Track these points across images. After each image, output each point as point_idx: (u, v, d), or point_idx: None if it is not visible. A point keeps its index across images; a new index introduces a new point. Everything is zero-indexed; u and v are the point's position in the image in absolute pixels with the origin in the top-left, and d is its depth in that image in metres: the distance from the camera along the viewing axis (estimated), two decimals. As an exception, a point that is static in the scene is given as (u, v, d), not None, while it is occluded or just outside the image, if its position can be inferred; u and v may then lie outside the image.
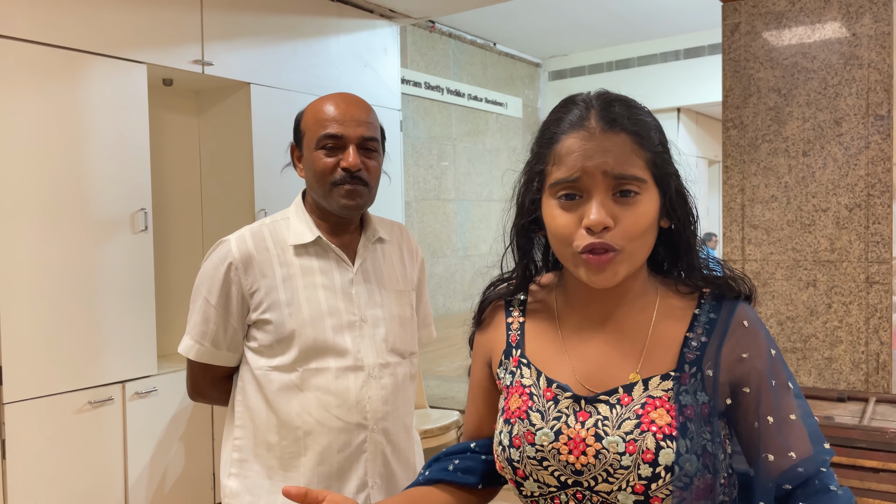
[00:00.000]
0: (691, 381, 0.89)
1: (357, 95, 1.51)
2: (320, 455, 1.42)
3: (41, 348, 2.48)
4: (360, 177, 1.44)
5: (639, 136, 0.89)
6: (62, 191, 2.55)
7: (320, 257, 1.48)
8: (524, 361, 0.99)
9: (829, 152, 2.61)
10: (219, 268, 1.45)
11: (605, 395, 0.91)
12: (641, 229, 0.88)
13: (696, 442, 0.86)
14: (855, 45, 2.56)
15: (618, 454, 0.86)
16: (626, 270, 0.89)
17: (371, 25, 3.94)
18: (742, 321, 0.92)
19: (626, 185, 0.87)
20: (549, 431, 0.91)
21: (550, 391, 0.94)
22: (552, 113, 0.96)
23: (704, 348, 0.91)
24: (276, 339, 1.43)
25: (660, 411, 0.87)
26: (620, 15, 6.57)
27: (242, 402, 1.48)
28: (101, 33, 2.67)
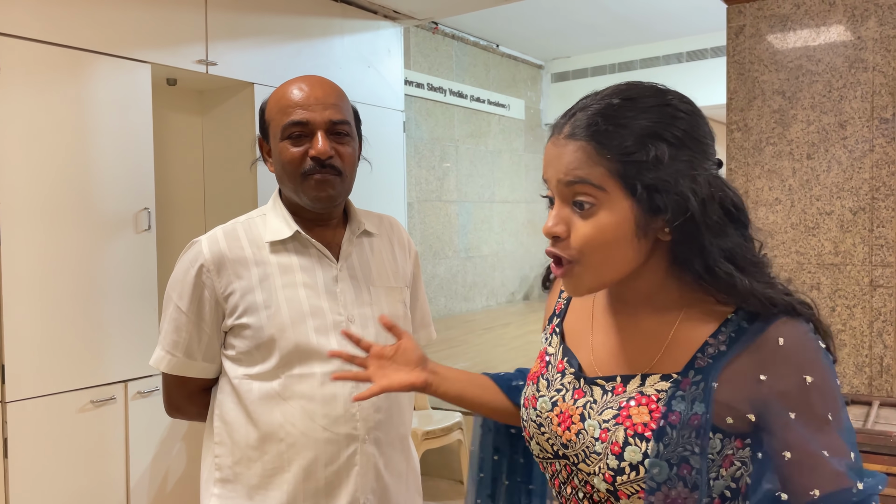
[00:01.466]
0: (691, 389, 0.83)
1: (323, 77, 1.38)
2: (306, 470, 1.29)
3: (44, 347, 2.48)
4: (332, 164, 1.31)
5: (599, 143, 0.83)
6: (65, 190, 2.55)
7: (300, 254, 1.36)
8: (557, 331, 1.02)
9: (834, 155, 2.60)
10: (189, 271, 1.33)
11: (604, 380, 0.91)
12: (595, 243, 0.83)
13: (673, 450, 0.81)
14: (860, 49, 2.56)
15: (593, 438, 0.87)
16: (588, 283, 0.87)
17: (375, 26, 3.95)
18: (777, 338, 0.81)
19: (578, 194, 0.84)
20: (548, 400, 0.95)
21: (562, 364, 0.97)
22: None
23: (719, 358, 0.83)
24: (255, 345, 1.30)
25: (641, 409, 0.85)
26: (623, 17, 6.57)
27: (220, 416, 1.36)
28: (105, 33, 2.67)
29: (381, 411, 1.35)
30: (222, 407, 1.35)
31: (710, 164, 0.86)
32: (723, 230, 0.84)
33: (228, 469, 1.34)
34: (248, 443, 1.31)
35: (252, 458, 1.31)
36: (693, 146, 0.84)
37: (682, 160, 0.83)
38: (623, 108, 0.85)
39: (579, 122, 0.85)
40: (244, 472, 1.32)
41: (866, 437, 2.08)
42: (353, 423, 1.31)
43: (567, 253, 0.86)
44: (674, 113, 0.84)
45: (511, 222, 7.97)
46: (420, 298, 1.58)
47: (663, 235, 0.85)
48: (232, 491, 1.33)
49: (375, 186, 3.72)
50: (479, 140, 7.40)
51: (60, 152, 2.53)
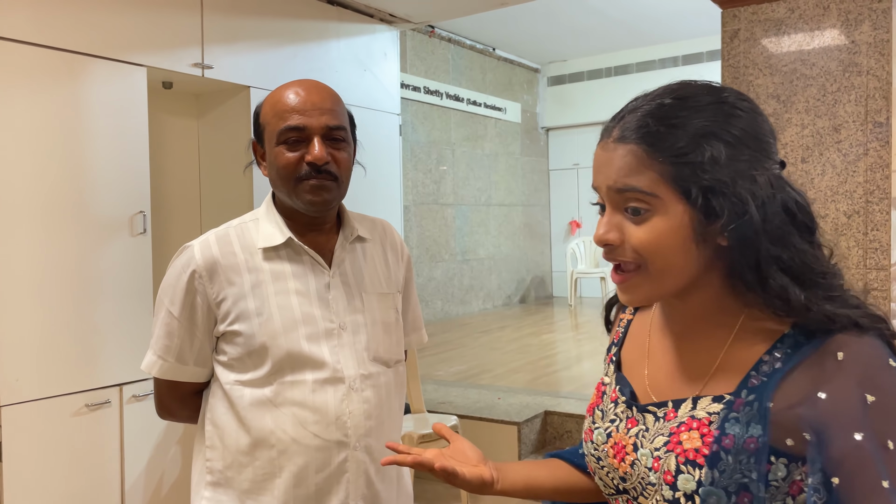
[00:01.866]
0: (745, 410, 0.77)
1: (320, 81, 1.37)
2: (296, 476, 1.29)
3: (38, 351, 2.48)
4: (328, 170, 1.30)
5: (651, 145, 0.79)
6: (61, 193, 2.54)
7: (293, 261, 1.35)
8: (614, 360, 0.98)
9: (828, 159, 2.61)
10: (181, 276, 1.33)
11: (655, 406, 0.86)
12: (652, 248, 0.79)
13: (730, 476, 0.76)
14: (854, 53, 2.57)
15: (646, 468, 0.83)
16: (647, 292, 0.83)
17: (371, 30, 3.95)
18: (836, 352, 0.75)
19: (630, 200, 0.80)
20: (603, 432, 0.91)
21: (616, 392, 0.93)
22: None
23: (774, 376, 0.78)
24: (247, 352, 1.30)
25: (692, 434, 0.79)
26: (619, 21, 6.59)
27: (211, 420, 1.35)
28: (101, 36, 2.67)
29: (371, 418, 1.35)
30: (214, 411, 1.35)
31: (772, 163, 0.81)
32: (784, 236, 0.79)
33: (219, 473, 1.34)
34: (239, 448, 1.31)
35: (243, 464, 1.31)
36: (752, 145, 0.79)
37: (741, 160, 0.78)
38: (675, 108, 0.80)
39: (629, 124, 0.81)
40: (235, 477, 1.32)
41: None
42: (344, 430, 1.31)
43: (627, 258, 0.82)
44: (730, 111, 0.80)
45: (507, 225, 7.97)
46: (412, 302, 1.58)
47: (722, 240, 0.79)
48: (223, 495, 1.33)
49: (372, 190, 3.72)
50: (475, 143, 7.41)
51: (56, 155, 2.53)
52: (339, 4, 3.75)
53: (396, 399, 1.43)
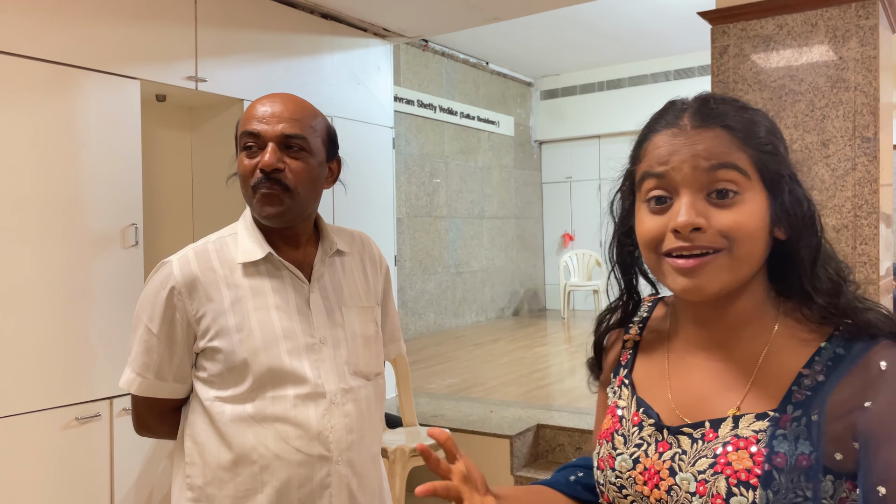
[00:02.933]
0: (792, 426, 0.76)
1: (296, 96, 1.37)
2: (279, 491, 1.28)
3: (29, 363, 2.47)
4: (278, 178, 1.28)
5: (738, 130, 0.79)
6: (54, 205, 2.54)
7: (272, 276, 1.34)
8: (626, 382, 0.93)
9: (817, 174, 2.64)
10: (160, 293, 1.31)
11: (690, 427, 0.82)
12: (744, 231, 0.77)
13: (784, 497, 0.74)
14: (841, 69, 2.60)
15: (688, 493, 0.78)
16: (724, 279, 0.78)
17: (364, 44, 3.97)
18: (879, 362, 0.75)
19: (721, 181, 0.77)
20: (628, 458, 0.85)
21: (638, 416, 0.88)
22: (652, 115, 0.89)
23: (818, 389, 0.76)
24: (227, 368, 1.29)
25: (741, 454, 0.76)
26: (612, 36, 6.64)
27: (191, 437, 1.34)
28: (95, 49, 2.68)
29: (353, 432, 1.35)
30: (193, 427, 1.34)
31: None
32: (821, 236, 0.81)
33: (200, 489, 1.33)
34: (220, 464, 1.30)
35: (224, 480, 1.30)
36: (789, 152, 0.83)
37: (790, 161, 0.82)
38: (740, 106, 0.82)
39: (706, 112, 0.80)
40: (216, 494, 1.31)
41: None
42: (327, 445, 1.31)
43: (710, 243, 0.77)
44: (771, 119, 0.85)
45: (501, 238, 7.99)
46: (390, 314, 1.58)
47: (780, 233, 0.80)
48: None
49: (365, 202, 3.72)
50: (468, 156, 7.44)
51: (49, 167, 2.53)
52: (332, 18, 3.77)
53: (377, 412, 1.43)
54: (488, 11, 3.93)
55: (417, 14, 3.88)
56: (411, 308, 6.36)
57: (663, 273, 0.80)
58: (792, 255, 0.81)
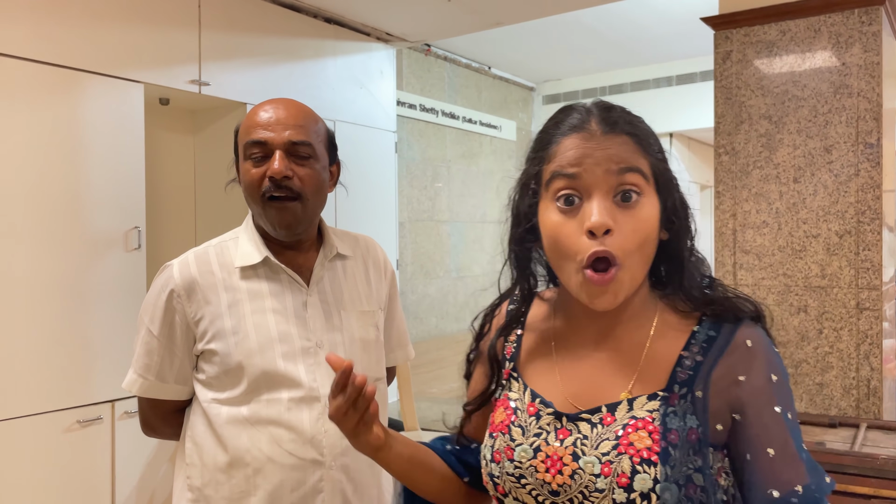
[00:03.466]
0: (681, 403, 0.84)
1: (295, 100, 1.38)
2: (271, 495, 1.29)
3: (31, 366, 2.47)
4: (289, 186, 1.29)
5: (639, 138, 0.86)
6: (57, 208, 2.54)
7: (270, 279, 1.35)
8: (514, 375, 0.96)
9: (820, 179, 2.63)
10: (160, 295, 1.34)
11: (588, 413, 0.87)
12: (643, 236, 0.83)
13: (679, 470, 0.80)
14: (845, 75, 2.60)
15: (593, 476, 0.82)
16: (627, 290, 0.85)
17: (367, 48, 3.98)
18: (745, 340, 0.86)
19: (627, 185, 0.83)
20: (528, 448, 0.88)
21: (534, 406, 0.91)
22: (550, 120, 0.92)
23: (698, 368, 0.85)
24: (223, 371, 1.30)
25: (640, 434, 0.82)
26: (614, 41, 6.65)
27: (191, 438, 1.35)
28: (99, 52, 2.69)
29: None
30: (194, 429, 1.35)
31: None
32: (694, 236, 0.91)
33: (198, 490, 1.33)
34: (217, 465, 1.31)
35: (220, 482, 1.31)
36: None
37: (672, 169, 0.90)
38: (631, 114, 0.89)
39: (613, 119, 0.86)
40: (213, 495, 1.32)
41: (854, 459, 2.08)
42: (320, 450, 1.31)
43: (616, 251, 0.82)
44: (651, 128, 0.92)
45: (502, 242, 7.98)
46: (396, 319, 1.58)
47: (663, 235, 0.88)
48: None
49: (367, 206, 3.73)
50: (470, 161, 7.44)
51: (52, 170, 2.53)
52: (335, 23, 3.78)
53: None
54: (490, 16, 3.94)
55: (420, 18, 3.89)
56: (413, 312, 6.36)
57: (575, 283, 0.85)
58: (670, 254, 0.90)
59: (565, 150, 0.85)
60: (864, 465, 2.06)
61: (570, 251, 0.84)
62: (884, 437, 2.31)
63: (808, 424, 2.45)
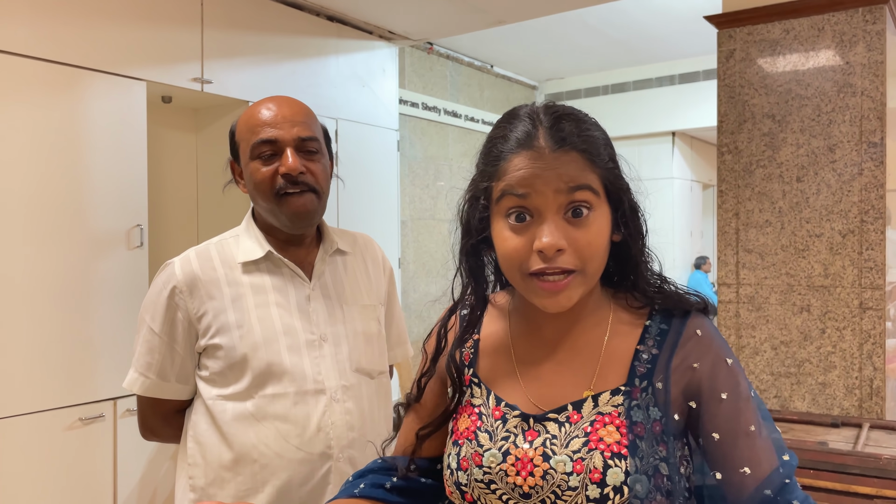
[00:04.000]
0: (643, 396, 0.86)
1: (291, 97, 1.39)
2: (280, 490, 1.29)
3: (33, 364, 2.47)
4: (305, 181, 1.31)
5: (589, 153, 0.86)
6: (59, 205, 2.54)
7: (273, 274, 1.36)
8: (475, 381, 0.96)
9: (823, 178, 2.63)
10: (161, 292, 1.33)
11: (555, 412, 0.87)
12: (595, 249, 0.85)
13: (647, 461, 0.82)
14: (848, 74, 2.59)
15: (565, 474, 0.83)
16: (581, 292, 0.86)
17: (370, 46, 3.98)
18: (695, 330, 0.89)
19: (578, 202, 0.84)
20: (497, 452, 0.88)
21: (499, 410, 0.91)
22: (496, 128, 0.92)
23: (655, 361, 0.88)
24: (228, 365, 1.30)
25: (609, 428, 0.84)
26: (617, 40, 6.64)
27: (193, 437, 1.34)
28: (101, 50, 2.68)
29: (354, 430, 1.35)
30: (196, 428, 1.35)
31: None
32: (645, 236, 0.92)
33: (202, 490, 1.33)
34: (222, 463, 1.31)
35: (226, 479, 1.31)
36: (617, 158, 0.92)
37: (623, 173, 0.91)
38: (581, 122, 0.89)
39: (562, 135, 0.85)
40: (218, 494, 1.31)
41: (856, 459, 2.08)
42: (327, 442, 1.31)
43: (570, 264, 0.84)
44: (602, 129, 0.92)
45: (504, 241, 7.98)
46: (396, 316, 1.58)
47: (616, 237, 0.90)
48: None
49: (369, 205, 3.72)
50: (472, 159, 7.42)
51: (54, 168, 2.53)
52: (338, 21, 3.78)
53: (381, 410, 1.43)
54: (493, 15, 3.93)
55: (423, 17, 3.89)
56: (414, 311, 6.36)
57: (527, 290, 0.87)
58: (624, 255, 0.92)
59: (514, 168, 0.85)
60: (866, 466, 2.05)
61: (520, 265, 0.85)
62: (887, 436, 2.31)
63: (811, 424, 2.44)
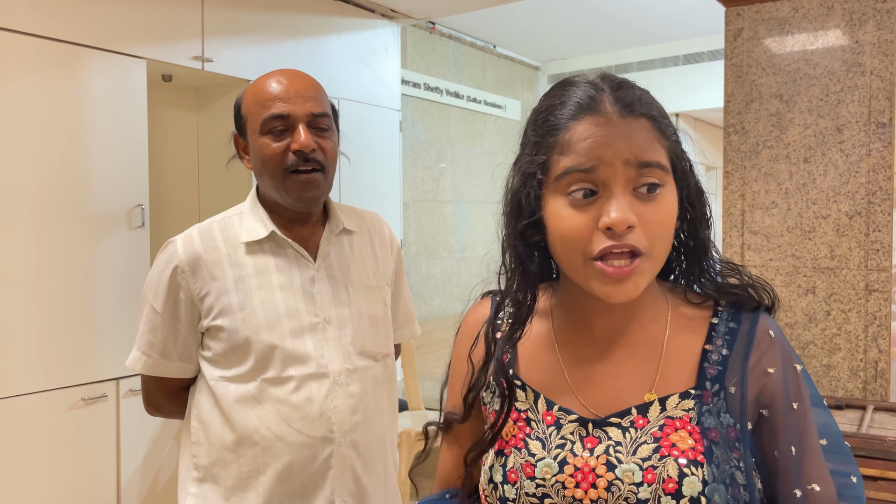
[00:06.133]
0: (714, 401, 0.78)
1: (300, 70, 1.35)
2: (281, 473, 1.28)
3: (35, 344, 2.46)
4: (316, 159, 1.27)
5: (659, 121, 0.77)
6: (59, 185, 2.53)
7: (276, 254, 1.33)
8: (517, 383, 0.85)
9: (831, 159, 2.60)
10: (164, 272, 1.31)
11: (617, 416, 0.78)
12: (666, 228, 0.76)
13: (724, 469, 0.74)
14: (857, 53, 2.56)
15: (634, 485, 0.74)
16: (647, 280, 0.76)
17: (372, 25, 3.93)
18: (767, 331, 0.80)
19: (649, 176, 0.74)
20: (553, 462, 0.78)
21: (551, 415, 0.81)
22: (549, 97, 0.81)
23: (726, 362, 0.79)
24: (230, 347, 1.28)
25: (681, 433, 0.75)
26: (620, 20, 6.57)
27: (197, 416, 1.33)
28: (101, 27, 2.65)
29: (357, 413, 1.33)
30: (199, 407, 1.34)
31: None
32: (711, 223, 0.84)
33: (205, 469, 1.32)
34: (224, 444, 1.30)
35: (228, 460, 1.30)
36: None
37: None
38: (642, 90, 0.79)
39: (629, 99, 0.76)
40: (221, 474, 1.31)
41: (861, 441, 2.07)
42: (329, 426, 1.30)
43: (640, 244, 0.73)
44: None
45: (506, 223, 7.96)
46: (403, 295, 1.56)
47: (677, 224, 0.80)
48: (209, 491, 1.32)
49: (371, 186, 3.70)
50: (475, 141, 7.40)
51: (54, 147, 2.51)
52: (340, -1, 3.73)
53: (385, 393, 1.41)
54: (497, -7, 3.89)
55: (426, -5, 3.84)
56: (417, 292, 6.36)
57: (589, 277, 0.76)
58: (685, 244, 0.83)
59: (579, 138, 0.75)
60: (871, 447, 2.05)
61: (582, 246, 0.75)
62: (891, 419, 2.30)
63: (815, 406, 2.44)
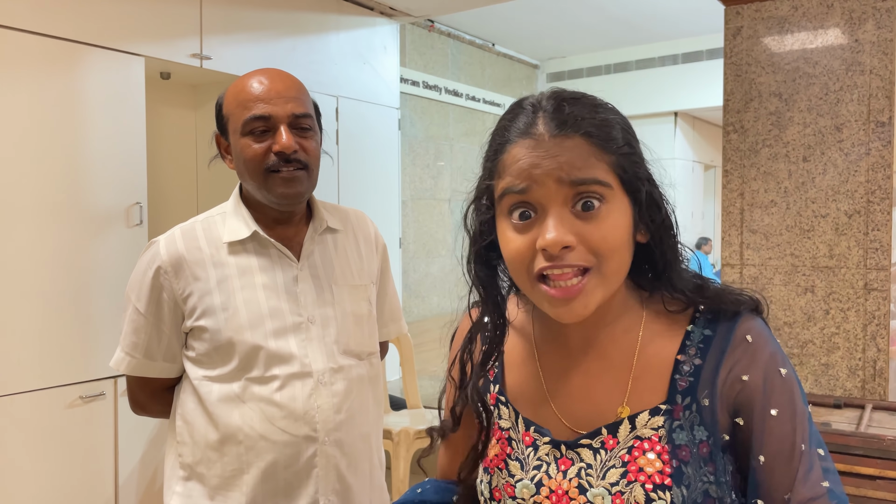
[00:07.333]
0: (686, 414, 0.76)
1: (283, 70, 1.35)
2: (265, 472, 1.28)
3: (33, 341, 2.46)
4: (298, 159, 1.27)
5: (597, 137, 0.75)
6: (57, 183, 2.52)
7: (259, 254, 1.33)
8: (502, 400, 0.86)
9: (830, 158, 2.60)
10: (146, 272, 1.31)
11: (588, 437, 0.78)
12: (611, 245, 0.74)
13: (695, 488, 0.74)
14: (857, 52, 2.56)
15: None
16: (600, 297, 0.75)
17: (371, 23, 3.93)
18: (745, 335, 0.78)
19: (586, 194, 0.73)
20: (530, 483, 0.79)
21: (529, 435, 0.82)
22: (499, 121, 0.83)
23: (699, 373, 0.77)
24: (214, 348, 1.29)
25: (648, 456, 0.75)
26: (619, 18, 6.57)
27: (181, 416, 1.34)
28: (99, 25, 2.64)
29: (341, 412, 1.33)
30: (184, 406, 1.34)
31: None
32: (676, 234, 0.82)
33: (190, 468, 1.33)
34: (209, 443, 1.30)
35: (212, 459, 1.30)
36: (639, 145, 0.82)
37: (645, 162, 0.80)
38: (591, 105, 0.78)
39: (563, 118, 0.75)
40: (205, 473, 1.31)
41: (859, 440, 2.07)
42: (313, 425, 1.30)
43: (584, 260, 0.73)
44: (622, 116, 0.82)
45: (505, 222, 7.96)
46: (389, 293, 1.56)
47: (642, 237, 0.79)
48: (194, 490, 1.33)
49: (370, 184, 3.70)
50: (473, 139, 7.39)
51: (52, 145, 2.50)
52: (339, -4, 3.72)
53: (370, 391, 1.41)
54: (496, -9, 3.88)
55: (425, -7, 3.83)
56: (415, 291, 6.35)
57: (538, 299, 0.76)
58: (652, 255, 0.80)
59: (513, 161, 0.76)
60: (869, 446, 2.05)
61: (526, 269, 0.75)
62: (889, 417, 2.30)
63: (814, 405, 2.44)
